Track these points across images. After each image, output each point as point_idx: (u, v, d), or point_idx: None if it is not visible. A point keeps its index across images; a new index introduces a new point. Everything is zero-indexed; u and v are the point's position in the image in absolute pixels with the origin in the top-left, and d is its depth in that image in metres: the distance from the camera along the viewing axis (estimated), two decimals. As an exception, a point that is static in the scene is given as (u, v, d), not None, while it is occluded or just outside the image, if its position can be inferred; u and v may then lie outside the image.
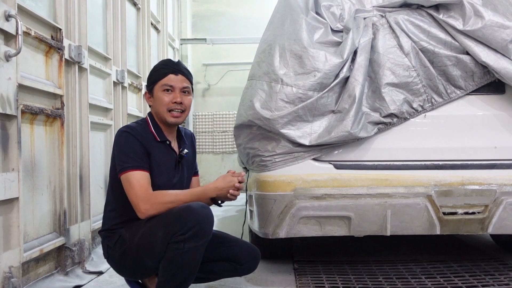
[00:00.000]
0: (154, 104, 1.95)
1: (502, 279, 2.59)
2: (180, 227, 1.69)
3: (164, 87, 1.91)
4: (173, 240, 1.70)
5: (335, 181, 2.15)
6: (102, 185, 3.29)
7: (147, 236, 1.76)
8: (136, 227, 1.83)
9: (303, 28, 2.15)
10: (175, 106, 1.92)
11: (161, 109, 1.92)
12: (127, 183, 1.79)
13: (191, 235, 1.68)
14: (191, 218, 1.69)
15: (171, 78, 1.92)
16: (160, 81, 1.92)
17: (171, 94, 1.92)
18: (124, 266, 1.88)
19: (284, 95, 2.11)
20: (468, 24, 2.10)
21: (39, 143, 2.39)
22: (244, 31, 7.65)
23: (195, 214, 1.70)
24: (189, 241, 1.68)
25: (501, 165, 2.15)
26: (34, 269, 2.31)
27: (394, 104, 2.14)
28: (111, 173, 1.93)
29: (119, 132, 1.90)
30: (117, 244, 1.86)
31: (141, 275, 1.94)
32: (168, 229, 1.71)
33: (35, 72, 2.37)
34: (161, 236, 1.71)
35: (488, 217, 2.13)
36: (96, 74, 3.19)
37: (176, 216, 1.71)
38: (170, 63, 1.96)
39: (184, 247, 1.68)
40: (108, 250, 1.90)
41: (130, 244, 1.81)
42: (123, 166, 1.80)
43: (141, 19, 4.35)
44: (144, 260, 1.79)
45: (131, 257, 1.82)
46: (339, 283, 2.61)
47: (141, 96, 4.28)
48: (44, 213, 2.43)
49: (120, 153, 1.84)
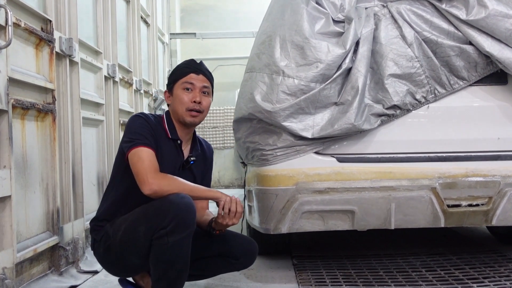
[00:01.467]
0: (173, 102, 1.92)
1: (503, 271, 2.59)
2: (160, 221, 1.63)
3: (185, 85, 1.88)
4: (156, 235, 1.63)
5: (338, 174, 2.11)
6: (95, 182, 3.21)
7: (129, 232, 1.71)
8: (120, 221, 1.77)
9: (304, 19, 2.09)
10: (194, 105, 1.87)
11: (180, 108, 1.88)
12: (136, 157, 1.72)
13: (173, 227, 1.61)
14: (170, 210, 1.62)
15: (192, 76, 1.89)
16: (181, 79, 1.89)
17: (190, 93, 1.88)
18: (108, 262, 1.84)
19: (285, 87, 2.06)
20: (472, 14, 2.07)
21: (30, 139, 2.30)
22: (234, 26, 7.58)
23: (174, 205, 1.63)
24: (172, 234, 1.62)
25: (505, 156, 2.13)
26: (28, 269, 2.22)
27: (397, 95, 2.10)
28: (117, 161, 1.89)
29: (132, 117, 1.88)
30: (102, 239, 1.81)
31: (126, 272, 1.89)
32: (149, 224, 1.65)
33: (26, 66, 2.28)
34: (143, 231, 1.66)
35: (492, 209, 2.12)
36: (87, 68, 3.10)
37: (156, 210, 1.65)
38: (192, 63, 1.94)
39: (168, 242, 1.62)
40: (95, 243, 1.86)
41: (113, 239, 1.76)
42: (133, 143, 1.75)
43: (131, 13, 4.25)
44: (128, 256, 1.74)
45: (115, 253, 1.77)
46: (340, 278, 2.58)
47: (132, 91, 4.19)
48: (37, 211, 2.35)
49: (130, 132, 1.80)
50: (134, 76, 4.23)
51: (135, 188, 1.74)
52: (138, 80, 4.34)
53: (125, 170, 1.81)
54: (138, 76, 4.37)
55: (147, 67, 5.02)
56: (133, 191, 1.77)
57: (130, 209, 1.79)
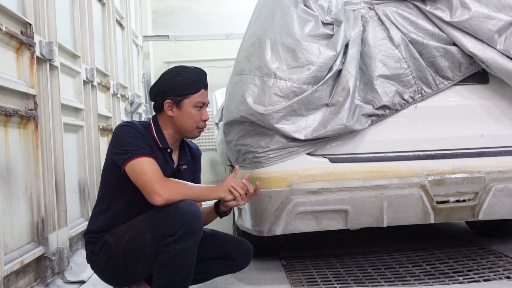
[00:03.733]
0: (180, 117, 1.84)
1: (485, 263, 2.68)
2: (168, 228, 1.61)
3: (198, 103, 1.83)
4: (163, 242, 1.62)
5: (331, 175, 2.14)
6: (77, 190, 3.13)
7: (135, 240, 1.67)
8: (121, 231, 1.73)
9: (295, 21, 2.11)
10: (204, 124, 1.86)
11: (190, 125, 1.84)
12: (138, 169, 1.67)
13: (181, 235, 1.61)
14: (178, 217, 1.61)
15: (204, 94, 1.85)
16: (193, 95, 1.82)
17: (200, 111, 1.85)
18: (110, 272, 1.79)
19: (278, 89, 2.07)
20: (455, 16, 2.13)
21: (13, 147, 2.22)
22: (206, 28, 7.54)
23: (182, 212, 1.62)
24: (179, 241, 1.61)
25: (489, 152, 2.21)
26: (14, 282, 2.14)
27: (387, 95, 2.15)
28: (105, 171, 1.83)
29: (119, 127, 1.79)
30: (102, 250, 1.76)
31: (129, 281, 1.85)
32: (156, 231, 1.63)
33: (7, 71, 2.20)
34: (150, 239, 1.64)
35: (479, 204, 2.19)
36: (66, 72, 3.01)
37: (162, 217, 1.63)
38: (202, 76, 1.87)
39: (175, 249, 1.61)
40: (92, 256, 1.80)
41: (116, 249, 1.72)
42: (129, 154, 1.69)
43: (106, 15, 4.17)
44: (134, 265, 1.71)
45: (119, 263, 1.73)
46: (330, 276, 2.61)
47: (110, 96, 4.10)
48: (22, 221, 2.27)
49: (122, 144, 1.73)
50: (111, 79, 4.15)
51: (135, 199, 1.72)
52: (115, 83, 4.26)
53: (120, 182, 1.77)
54: (115, 79, 4.29)
55: (123, 70, 4.93)
56: (133, 201, 1.75)
57: (130, 218, 1.76)
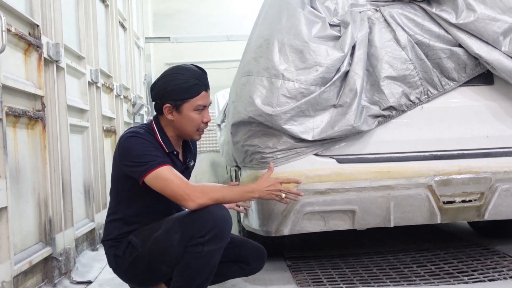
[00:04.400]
0: (180, 120, 1.80)
1: (489, 263, 2.70)
2: (198, 230, 1.64)
3: (198, 107, 1.79)
4: (192, 243, 1.64)
5: (338, 175, 2.15)
6: (82, 190, 3.14)
7: (162, 240, 1.68)
8: (146, 232, 1.75)
9: (302, 23, 2.13)
10: (204, 126, 1.83)
11: (190, 128, 1.81)
12: (161, 179, 1.67)
13: (211, 237, 1.64)
14: (210, 220, 1.64)
15: (204, 96, 1.80)
16: (193, 99, 1.77)
17: (201, 113, 1.81)
18: (135, 273, 1.79)
19: (286, 91, 2.08)
20: (461, 17, 2.16)
21: (22, 148, 2.23)
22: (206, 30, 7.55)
23: (214, 216, 1.65)
24: (208, 244, 1.64)
25: (494, 153, 2.23)
26: (23, 282, 2.15)
27: (393, 97, 2.17)
28: (115, 181, 1.83)
29: (126, 138, 1.76)
30: (127, 252, 1.76)
31: (153, 281, 1.86)
32: (186, 232, 1.65)
33: (16, 72, 2.21)
34: (178, 239, 1.65)
35: (484, 204, 2.21)
36: (72, 73, 3.03)
37: (194, 219, 1.66)
38: (202, 77, 1.82)
39: (203, 250, 1.63)
40: (116, 259, 1.80)
41: (142, 250, 1.73)
42: (147, 166, 1.69)
43: (109, 17, 4.18)
44: (158, 265, 1.72)
45: (144, 263, 1.73)
46: (335, 276, 2.62)
47: (113, 97, 4.11)
48: (30, 222, 2.28)
49: (135, 156, 1.71)
50: (115, 81, 4.16)
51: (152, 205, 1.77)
52: (118, 85, 4.27)
53: (134, 192, 1.78)
54: (118, 81, 4.30)
55: (125, 71, 4.94)
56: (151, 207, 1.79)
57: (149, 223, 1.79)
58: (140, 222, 1.81)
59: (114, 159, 1.83)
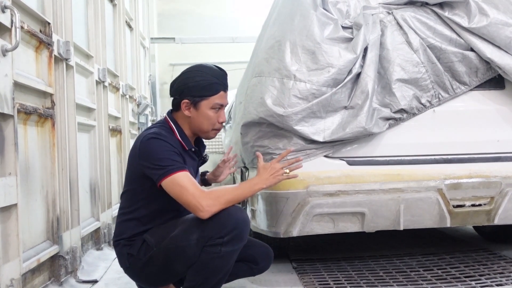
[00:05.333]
0: (196, 117, 1.82)
1: (496, 268, 2.69)
2: (218, 231, 1.64)
3: (216, 106, 1.81)
4: (210, 243, 1.64)
5: (348, 177, 2.15)
6: (88, 189, 3.13)
7: (179, 240, 1.68)
8: (162, 231, 1.74)
9: (315, 24, 2.13)
10: (220, 126, 1.85)
11: (206, 126, 1.83)
12: (177, 186, 1.67)
13: (230, 239, 1.64)
14: (230, 221, 1.64)
15: (223, 96, 1.83)
16: (211, 97, 1.80)
17: (218, 112, 1.83)
18: (148, 272, 1.78)
19: (297, 91, 2.08)
20: (474, 22, 2.16)
21: (32, 145, 2.22)
22: (211, 31, 7.58)
23: (234, 217, 1.65)
24: (226, 245, 1.64)
25: (505, 157, 2.23)
26: (31, 280, 2.14)
27: (405, 99, 2.17)
28: (132, 181, 1.82)
29: (148, 139, 1.75)
30: (141, 251, 1.75)
31: (166, 281, 1.85)
32: (205, 232, 1.64)
33: (27, 69, 2.21)
34: (195, 239, 1.65)
35: (494, 208, 2.21)
36: (80, 72, 3.02)
37: (213, 220, 1.65)
38: (222, 78, 1.84)
39: (221, 251, 1.64)
40: (130, 258, 1.79)
41: (158, 249, 1.72)
42: (165, 170, 1.68)
43: (117, 16, 4.18)
44: (174, 265, 1.71)
45: (159, 263, 1.73)
46: (342, 279, 2.61)
47: (119, 96, 4.11)
48: (38, 220, 2.27)
49: (156, 159, 1.70)
50: (121, 80, 4.16)
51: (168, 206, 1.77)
52: (125, 84, 4.27)
53: (151, 192, 1.78)
54: (124, 80, 4.30)
55: (131, 71, 4.95)
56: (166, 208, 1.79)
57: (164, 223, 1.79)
58: (155, 221, 1.80)
59: (131, 158, 1.82)
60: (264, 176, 1.76)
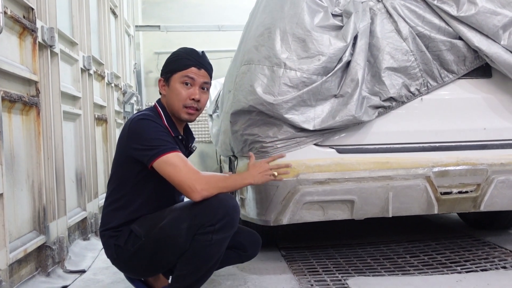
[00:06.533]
0: (169, 94, 1.82)
1: (480, 254, 2.75)
2: (208, 219, 1.62)
3: (184, 79, 1.79)
4: (201, 231, 1.63)
5: (338, 165, 2.16)
6: (74, 179, 3.08)
7: (169, 229, 1.66)
8: (150, 221, 1.72)
9: (305, 11, 2.11)
10: (191, 103, 1.80)
11: (176, 103, 1.80)
12: (171, 165, 1.64)
13: (221, 226, 1.63)
14: (221, 208, 1.63)
15: (193, 71, 1.80)
16: (181, 72, 1.79)
17: (189, 89, 1.80)
18: (136, 263, 1.76)
19: (287, 79, 2.07)
20: (462, 10, 2.17)
21: (17, 134, 2.18)
22: (196, 19, 7.48)
23: (225, 204, 1.64)
24: (218, 232, 1.63)
25: (491, 145, 2.26)
26: (18, 271, 2.11)
27: (394, 88, 2.18)
28: (120, 167, 1.79)
29: (137, 121, 1.73)
30: (129, 242, 1.73)
31: (155, 271, 1.83)
32: (196, 220, 1.63)
33: (10, 56, 2.15)
34: (186, 228, 1.63)
35: (481, 195, 2.24)
36: (65, 60, 2.96)
37: (203, 208, 1.64)
38: (195, 54, 1.83)
39: (212, 239, 1.63)
40: (117, 250, 1.76)
41: (147, 239, 1.70)
42: (157, 150, 1.66)
43: (101, 2, 4.10)
44: (164, 255, 1.69)
45: (148, 253, 1.71)
46: (330, 266, 2.64)
47: (104, 85, 4.04)
48: (24, 210, 2.23)
49: (146, 139, 1.68)
50: (106, 68, 4.09)
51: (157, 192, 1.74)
52: (110, 73, 4.20)
53: (141, 177, 1.75)
54: (109, 69, 4.23)
55: (116, 59, 4.87)
56: (156, 194, 1.76)
57: (153, 211, 1.76)
58: (142, 211, 1.77)
59: (120, 142, 1.79)
60: (253, 173, 1.78)
